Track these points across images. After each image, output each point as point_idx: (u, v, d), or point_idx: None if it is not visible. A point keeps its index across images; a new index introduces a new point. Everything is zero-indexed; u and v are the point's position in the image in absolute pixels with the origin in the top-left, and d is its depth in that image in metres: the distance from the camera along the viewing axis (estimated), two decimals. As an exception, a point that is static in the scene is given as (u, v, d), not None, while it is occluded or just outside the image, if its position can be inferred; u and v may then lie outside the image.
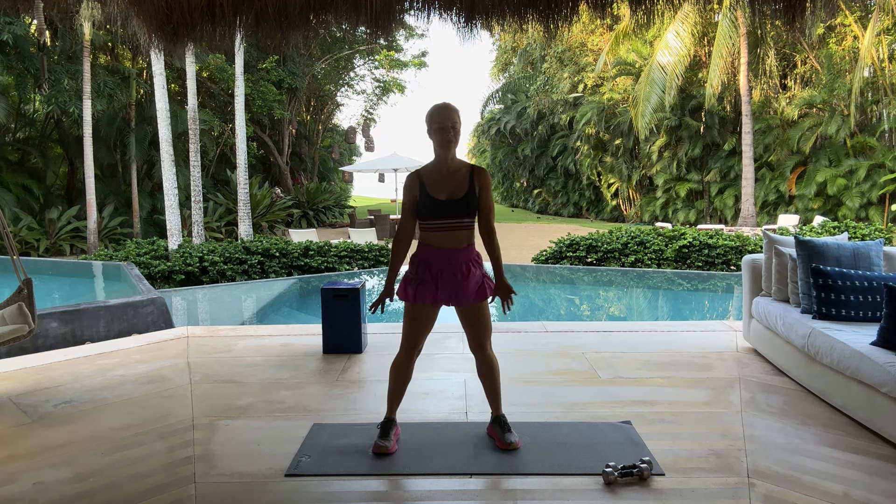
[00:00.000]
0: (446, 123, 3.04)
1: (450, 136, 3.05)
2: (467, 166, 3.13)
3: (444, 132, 3.04)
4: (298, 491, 2.79)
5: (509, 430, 3.20)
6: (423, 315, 3.13)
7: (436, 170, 3.10)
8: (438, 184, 3.07)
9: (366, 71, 31.32)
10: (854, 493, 2.69)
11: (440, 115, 3.05)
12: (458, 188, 3.06)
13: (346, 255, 11.75)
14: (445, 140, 3.04)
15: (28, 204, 18.34)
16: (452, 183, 3.06)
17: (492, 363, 3.21)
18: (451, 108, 3.08)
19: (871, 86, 19.06)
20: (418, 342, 3.17)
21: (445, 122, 3.04)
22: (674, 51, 19.76)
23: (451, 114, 3.06)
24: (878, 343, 3.40)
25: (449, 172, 3.08)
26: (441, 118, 3.04)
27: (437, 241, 3.08)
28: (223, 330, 5.80)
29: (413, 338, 3.15)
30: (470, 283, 3.09)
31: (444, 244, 3.08)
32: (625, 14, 15.51)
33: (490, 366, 3.21)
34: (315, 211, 25.73)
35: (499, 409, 3.26)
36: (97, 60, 19.66)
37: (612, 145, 27.07)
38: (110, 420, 3.60)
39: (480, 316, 3.15)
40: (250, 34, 5.08)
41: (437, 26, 23.18)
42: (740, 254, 11.06)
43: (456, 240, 3.08)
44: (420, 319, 3.13)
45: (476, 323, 3.16)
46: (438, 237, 3.08)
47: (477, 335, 3.18)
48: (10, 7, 5.31)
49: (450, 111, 3.07)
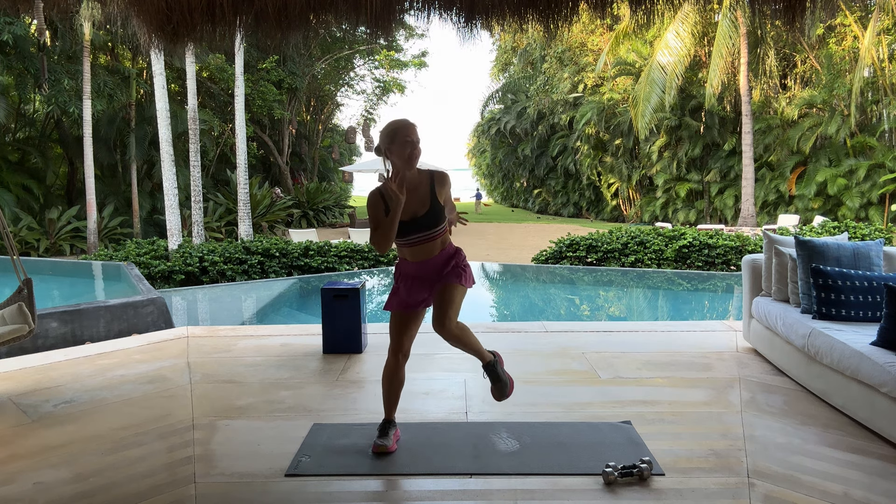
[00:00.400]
0: (413, 138, 2.97)
1: (415, 150, 2.97)
2: (426, 176, 3.06)
3: (410, 146, 2.95)
4: (298, 491, 2.79)
5: (497, 379, 3.22)
6: (405, 321, 3.15)
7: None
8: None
9: (366, 71, 31.36)
10: (854, 493, 2.69)
11: (407, 129, 2.97)
12: (420, 205, 3.01)
13: (346, 255, 11.75)
14: (410, 155, 2.96)
15: (28, 204, 18.35)
16: (415, 201, 3.01)
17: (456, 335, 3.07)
18: (412, 123, 3.02)
19: (871, 86, 19.06)
20: (402, 347, 3.17)
21: (412, 136, 2.97)
22: (674, 51, 19.77)
23: (414, 129, 3.01)
24: (878, 343, 3.40)
25: (411, 189, 3.01)
26: (408, 132, 2.96)
27: (412, 256, 3.10)
28: (223, 330, 5.80)
29: (398, 342, 3.16)
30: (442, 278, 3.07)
31: (418, 257, 3.09)
32: (625, 14, 15.51)
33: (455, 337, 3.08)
34: (315, 211, 25.74)
35: (485, 356, 3.21)
36: (97, 60, 19.67)
37: (612, 145, 27.08)
38: (110, 420, 3.60)
39: (448, 293, 3.05)
40: (250, 34, 5.08)
41: (437, 26, 23.27)
42: (740, 254, 11.07)
43: (429, 250, 3.08)
44: (402, 325, 3.16)
45: (442, 300, 3.05)
46: (412, 252, 3.09)
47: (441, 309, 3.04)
48: (10, 7, 5.31)
49: (413, 126, 3.01)
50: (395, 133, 2.97)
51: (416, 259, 3.09)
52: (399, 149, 2.95)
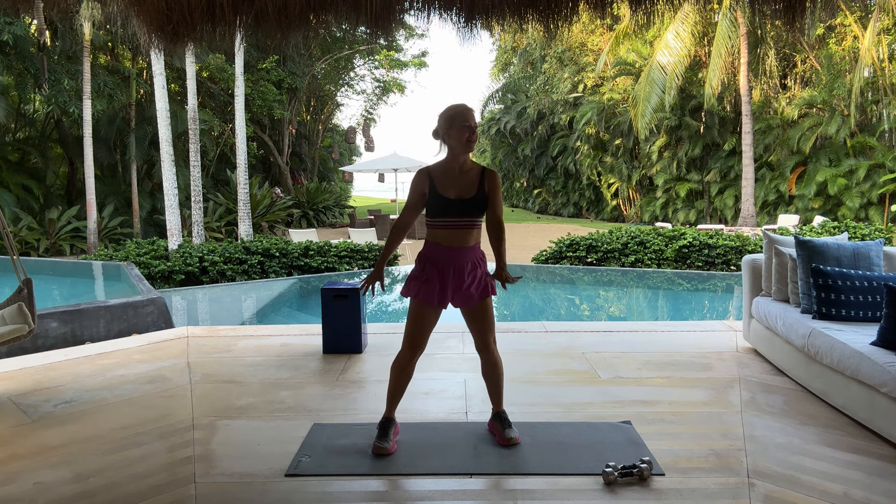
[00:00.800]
0: (472, 123, 3.08)
1: (474, 136, 3.08)
2: (479, 167, 3.15)
3: (470, 132, 3.07)
4: (298, 491, 2.79)
5: (510, 425, 3.23)
6: (427, 314, 3.14)
7: (447, 168, 3.12)
8: (449, 182, 3.09)
9: (366, 71, 31.35)
10: (854, 493, 2.69)
11: (466, 114, 3.07)
12: (468, 188, 3.08)
13: (346, 255, 11.75)
14: (469, 140, 3.07)
15: (28, 204, 18.34)
16: (463, 183, 3.09)
17: (496, 362, 3.23)
18: (470, 108, 3.12)
19: (871, 86, 19.06)
20: (420, 342, 3.17)
21: (471, 121, 3.08)
22: (674, 51, 19.76)
23: (473, 114, 3.11)
24: (878, 343, 3.40)
25: (461, 172, 3.11)
26: (467, 117, 3.07)
27: (445, 240, 3.10)
28: (223, 330, 5.80)
29: (415, 337, 3.16)
30: (473, 282, 3.12)
31: (452, 242, 3.10)
32: (625, 14, 15.51)
33: (494, 364, 3.23)
34: (315, 211, 25.73)
35: (500, 405, 3.29)
36: (97, 60, 19.67)
37: (612, 145, 27.07)
38: (110, 420, 3.60)
39: (483, 314, 3.18)
40: (250, 34, 5.08)
41: (437, 26, 23.18)
42: (740, 254, 11.07)
43: (464, 238, 3.10)
44: (423, 319, 3.14)
45: (479, 320, 3.18)
46: (446, 235, 3.10)
47: (481, 332, 3.20)
48: (10, 7, 5.31)
49: (472, 112, 3.11)
50: (454, 118, 3.07)
51: (450, 244, 3.09)
52: (458, 133, 3.06)
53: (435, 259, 3.11)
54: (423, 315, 3.14)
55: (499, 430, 3.23)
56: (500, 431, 3.21)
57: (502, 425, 3.23)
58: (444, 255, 3.10)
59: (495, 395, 3.28)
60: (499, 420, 3.26)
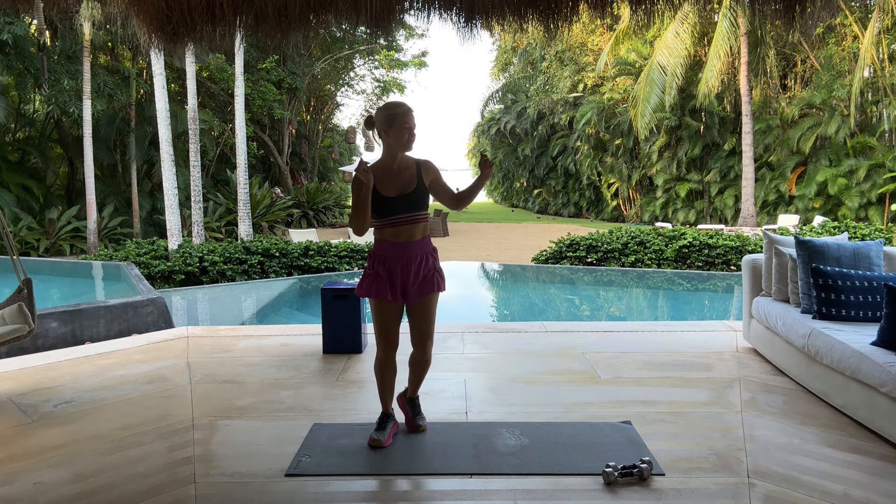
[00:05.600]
0: (411, 124, 3.12)
1: (413, 137, 3.14)
2: (414, 161, 3.20)
3: (409, 132, 3.11)
4: (298, 491, 2.79)
5: (420, 412, 3.37)
6: (385, 310, 3.18)
7: (385, 167, 3.15)
8: (387, 181, 3.12)
9: (366, 71, 31.34)
10: (854, 493, 2.69)
11: (406, 115, 3.11)
12: (407, 184, 3.12)
13: (346, 255, 11.75)
14: (408, 140, 3.12)
15: (28, 204, 18.34)
16: (402, 180, 3.13)
17: (426, 361, 3.29)
18: (410, 108, 3.15)
19: (871, 86, 19.06)
20: (388, 336, 3.22)
21: (411, 122, 3.12)
22: (674, 51, 19.77)
23: (412, 115, 3.14)
24: (878, 343, 3.40)
25: (399, 170, 3.15)
26: (407, 119, 3.10)
27: (392, 236, 3.14)
28: (223, 330, 5.80)
29: (383, 332, 3.21)
30: (420, 275, 3.15)
31: (398, 238, 3.14)
32: (625, 14, 15.51)
33: (425, 362, 3.29)
34: (315, 211, 25.72)
35: (415, 391, 3.39)
36: (97, 60, 19.66)
37: (612, 145, 27.08)
38: (110, 420, 3.60)
39: (425, 309, 3.20)
40: (250, 34, 5.09)
41: (437, 26, 23.10)
42: (740, 254, 11.06)
43: (409, 233, 3.14)
44: (383, 314, 3.19)
45: (419, 316, 3.21)
46: (392, 232, 3.14)
47: (420, 328, 3.22)
48: (10, 7, 5.31)
49: (411, 112, 3.14)
50: (393, 118, 3.10)
51: (397, 240, 3.13)
52: (397, 133, 3.10)
53: (383, 256, 3.16)
54: (382, 311, 3.18)
55: (409, 415, 3.36)
56: (411, 418, 3.35)
57: (413, 411, 3.36)
58: (392, 250, 3.14)
59: (414, 384, 3.36)
60: (410, 405, 3.38)
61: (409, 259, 3.13)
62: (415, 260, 3.14)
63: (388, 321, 3.19)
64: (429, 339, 3.24)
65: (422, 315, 3.20)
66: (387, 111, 3.11)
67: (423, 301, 3.18)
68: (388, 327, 3.20)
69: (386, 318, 3.18)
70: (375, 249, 3.20)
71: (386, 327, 3.19)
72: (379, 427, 3.23)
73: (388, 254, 3.14)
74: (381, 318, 3.19)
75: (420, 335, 3.23)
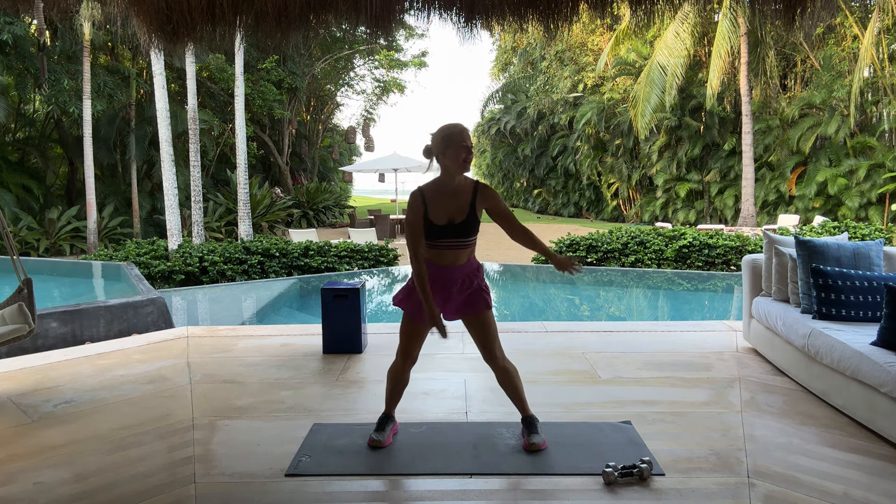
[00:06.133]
0: (469, 143, 3.03)
1: (470, 156, 3.04)
2: (472, 185, 3.10)
3: (466, 152, 3.02)
4: (298, 491, 2.79)
5: (535, 431, 3.19)
6: (416, 328, 3.16)
7: (440, 190, 3.07)
8: (440, 206, 3.05)
9: (366, 71, 31.33)
10: (854, 493, 2.69)
11: (463, 134, 3.03)
12: (459, 212, 3.05)
13: (346, 255, 11.75)
14: (465, 159, 3.02)
15: (28, 204, 18.34)
16: (454, 206, 3.05)
17: (506, 371, 3.18)
18: (465, 128, 3.08)
19: (871, 86, 19.05)
20: (411, 352, 3.20)
21: (468, 141, 3.03)
22: (674, 51, 19.76)
23: (468, 134, 3.07)
24: (878, 343, 3.40)
25: (454, 193, 3.06)
26: (464, 137, 3.02)
27: (436, 259, 3.10)
28: (223, 330, 5.80)
29: (407, 349, 3.20)
30: (462, 296, 3.11)
31: (442, 261, 3.10)
32: (625, 14, 15.51)
33: (505, 372, 3.18)
34: (315, 211, 25.72)
35: (525, 410, 3.25)
36: (97, 60, 19.66)
37: (612, 145, 27.07)
38: (110, 420, 3.60)
39: (480, 326, 3.15)
40: (250, 34, 5.08)
41: (437, 26, 23.03)
42: (740, 254, 11.06)
43: (454, 258, 3.10)
44: (412, 332, 3.17)
45: (477, 332, 3.16)
46: (436, 254, 3.09)
47: (483, 343, 3.17)
48: (10, 7, 5.31)
49: (467, 132, 3.06)
50: (450, 137, 3.02)
51: (441, 263, 3.09)
52: (454, 153, 3.02)
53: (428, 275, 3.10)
54: (413, 328, 3.17)
55: (525, 435, 3.21)
56: (526, 437, 3.19)
57: (528, 430, 3.20)
58: (436, 272, 3.09)
59: (517, 402, 3.24)
60: (525, 424, 3.23)
61: (449, 282, 3.09)
62: (456, 283, 3.10)
63: (415, 339, 3.17)
64: (495, 349, 3.15)
65: (477, 331, 3.15)
66: (443, 133, 3.04)
67: (476, 318, 3.13)
68: (413, 344, 3.18)
69: (413, 335, 3.17)
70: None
71: (411, 343, 3.18)
72: (379, 427, 3.23)
73: (431, 274, 3.09)
74: (408, 333, 3.17)
75: (486, 349, 3.16)
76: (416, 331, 3.16)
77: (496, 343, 3.17)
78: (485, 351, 3.18)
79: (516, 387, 3.21)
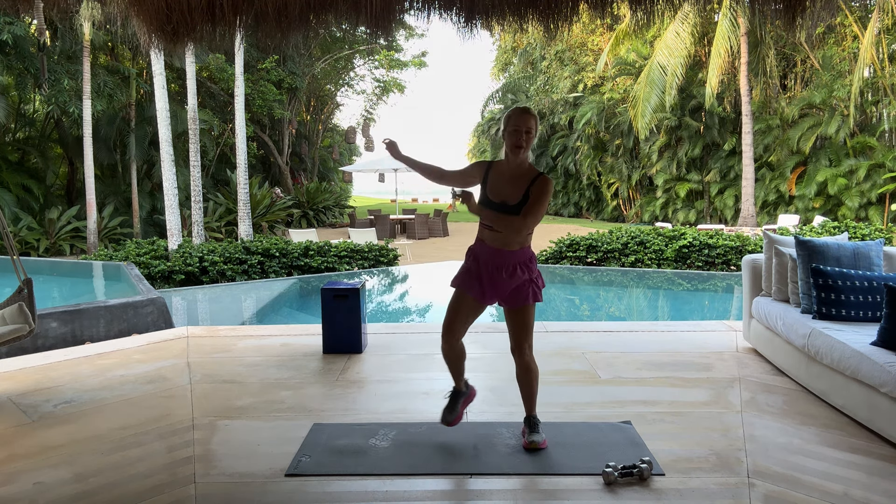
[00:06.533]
0: (521, 127, 3.03)
1: (522, 140, 3.03)
2: (533, 173, 3.11)
3: (518, 136, 3.03)
4: (298, 491, 2.79)
5: (536, 430, 3.19)
6: (464, 304, 3.16)
7: (503, 168, 3.12)
8: (499, 185, 3.09)
9: (366, 71, 31.35)
10: (854, 493, 2.69)
11: (517, 118, 3.03)
12: (514, 194, 3.06)
13: (346, 255, 11.75)
14: (516, 144, 3.04)
15: (28, 204, 18.34)
16: (511, 188, 3.07)
17: (528, 367, 3.18)
18: (529, 112, 3.07)
19: (871, 86, 19.06)
20: (455, 327, 3.18)
21: (521, 125, 3.03)
22: (674, 51, 19.76)
23: (528, 119, 3.05)
24: (878, 343, 3.40)
25: (513, 176, 3.08)
26: (517, 121, 3.03)
27: (489, 239, 3.12)
28: (223, 330, 5.80)
29: (449, 324, 3.18)
30: (511, 283, 3.10)
31: (494, 243, 3.11)
32: (625, 14, 15.50)
33: (526, 369, 3.18)
34: (315, 211, 25.73)
35: (531, 409, 3.25)
36: (97, 60, 19.66)
37: (612, 145, 27.08)
38: (110, 420, 3.60)
39: (520, 318, 3.15)
40: (250, 34, 5.09)
41: (437, 26, 22.94)
42: (740, 254, 11.06)
43: (507, 241, 3.09)
44: (459, 305, 3.17)
45: (515, 323, 3.16)
46: (491, 235, 3.11)
47: (516, 335, 3.17)
48: (10, 7, 5.31)
49: (527, 116, 3.05)
50: (508, 119, 3.06)
51: (492, 244, 3.11)
52: (508, 137, 3.05)
53: (478, 255, 3.15)
54: (460, 302, 3.17)
55: (524, 433, 3.22)
56: (525, 435, 3.20)
57: (529, 429, 3.21)
58: (486, 253, 3.12)
59: (527, 400, 3.24)
60: (527, 423, 3.24)
61: (499, 265, 3.09)
62: (506, 268, 3.09)
63: (460, 314, 3.16)
64: (524, 344, 3.16)
65: (514, 323, 3.15)
66: (507, 114, 3.07)
67: (516, 310, 3.13)
68: (457, 319, 3.17)
69: (460, 310, 3.16)
70: (474, 246, 3.19)
71: (455, 319, 3.16)
72: (450, 406, 3.27)
73: (480, 253, 3.13)
74: (455, 309, 3.16)
75: (515, 342, 3.16)
76: (462, 303, 3.15)
77: (529, 338, 3.18)
78: (515, 343, 3.18)
79: (532, 386, 3.21)
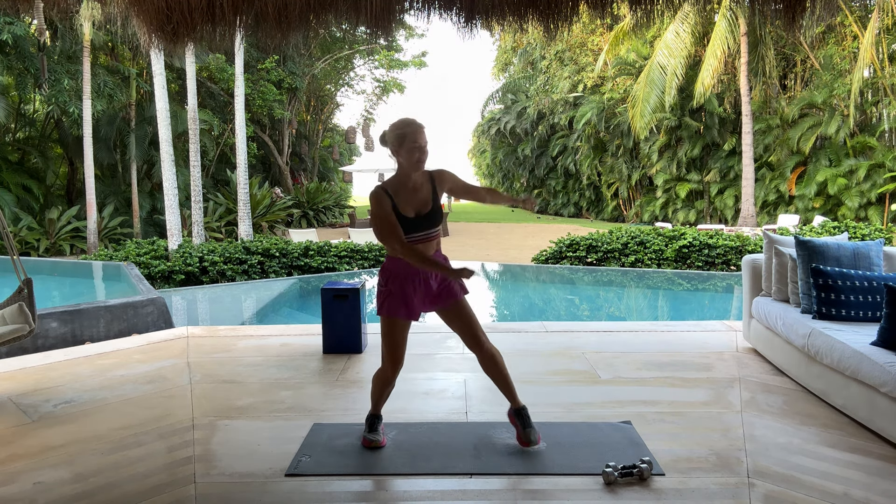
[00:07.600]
0: (421, 143, 2.98)
1: (424, 156, 3.00)
2: (427, 176, 3.09)
3: (420, 152, 2.98)
4: (298, 491, 2.79)
5: (529, 424, 3.12)
6: (397, 327, 3.08)
7: (402, 185, 3.04)
8: (406, 200, 3.03)
9: (366, 71, 31.37)
10: (854, 493, 2.69)
11: (416, 134, 2.98)
12: (424, 203, 3.05)
13: (346, 255, 11.75)
14: (419, 160, 2.99)
15: (28, 204, 18.34)
16: (419, 198, 3.05)
17: (493, 356, 3.12)
18: (420, 126, 3.03)
19: (871, 86, 19.06)
20: (398, 355, 3.12)
21: (421, 141, 2.98)
22: (674, 51, 19.77)
23: (423, 132, 3.02)
24: (878, 343, 3.40)
25: (415, 188, 3.05)
26: (416, 137, 2.97)
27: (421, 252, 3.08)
28: (223, 330, 5.80)
29: (391, 349, 3.11)
30: (437, 287, 3.09)
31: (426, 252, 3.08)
32: (625, 14, 15.50)
33: (491, 358, 3.12)
34: (315, 211, 25.74)
35: (516, 401, 3.17)
36: (97, 60, 19.66)
37: (612, 145, 27.09)
38: (110, 420, 3.60)
39: (461, 312, 3.12)
40: (250, 34, 5.09)
41: (437, 26, 22.99)
42: (740, 254, 11.07)
43: (427, 250, 3.08)
44: (394, 332, 3.09)
45: (457, 320, 3.13)
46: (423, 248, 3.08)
47: (465, 331, 3.12)
48: (10, 7, 5.32)
49: (423, 130, 3.02)
50: (403, 138, 2.98)
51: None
52: (408, 153, 2.98)
53: (397, 272, 3.06)
54: (394, 328, 3.08)
55: (519, 429, 3.13)
56: (521, 431, 3.12)
57: (522, 424, 3.12)
58: (406, 268, 3.05)
59: (506, 391, 3.16)
60: (518, 416, 3.15)
61: (427, 275, 3.07)
62: (432, 275, 3.07)
63: (398, 338, 3.09)
64: (479, 335, 3.10)
65: (458, 320, 3.12)
66: (397, 130, 2.99)
67: (453, 307, 3.10)
68: (398, 344, 3.10)
69: (395, 334, 3.08)
70: (388, 264, 3.09)
71: (395, 344, 3.09)
72: (370, 428, 3.19)
73: (402, 270, 3.05)
74: (390, 335, 3.09)
75: (469, 336, 3.12)
76: (396, 329, 3.07)
77: (479, 328, 3.13)
78: (470, 338, 3.12)
79: (504, 374, 3.14)
